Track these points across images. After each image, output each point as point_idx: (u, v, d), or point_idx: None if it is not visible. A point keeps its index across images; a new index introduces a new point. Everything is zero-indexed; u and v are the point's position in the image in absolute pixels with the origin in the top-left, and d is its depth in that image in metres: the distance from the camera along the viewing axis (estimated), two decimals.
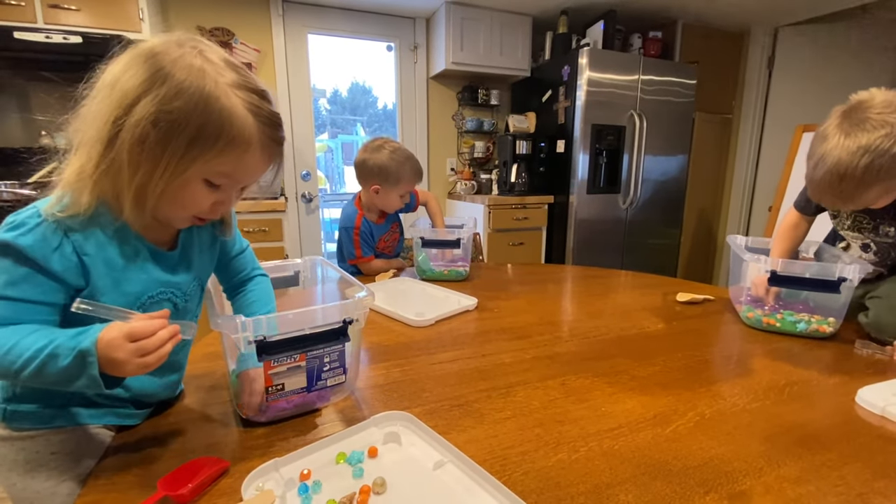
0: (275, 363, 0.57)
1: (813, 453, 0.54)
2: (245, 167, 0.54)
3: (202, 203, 0.55)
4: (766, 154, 3.27)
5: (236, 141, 0.51)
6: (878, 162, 0.72)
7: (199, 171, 0.52)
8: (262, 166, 0.56)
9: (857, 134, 0.74)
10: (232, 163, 0.53)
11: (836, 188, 0.78)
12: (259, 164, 0.56)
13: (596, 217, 2.74)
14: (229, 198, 0.57)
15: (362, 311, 0.62)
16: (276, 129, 0.56)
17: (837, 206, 0.85)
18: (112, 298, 0.53)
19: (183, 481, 0.46)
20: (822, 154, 0.78)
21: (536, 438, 0.57)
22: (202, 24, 2.44)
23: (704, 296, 1.17)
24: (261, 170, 0.57)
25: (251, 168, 0.55)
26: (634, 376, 0.74)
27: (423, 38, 2.95)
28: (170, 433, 0.58)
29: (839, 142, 0.75)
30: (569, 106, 2.65)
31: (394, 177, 1.37)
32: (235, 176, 0.55)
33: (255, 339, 0.55)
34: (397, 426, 0.57)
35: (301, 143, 2.79)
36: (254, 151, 0.53)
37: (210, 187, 0.54)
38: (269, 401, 0.58)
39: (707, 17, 2.97)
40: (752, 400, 0.67)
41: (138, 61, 0.49)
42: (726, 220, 3.54)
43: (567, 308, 1.15)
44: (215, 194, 0.55)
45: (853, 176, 0.75)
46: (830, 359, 0.82)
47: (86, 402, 0.59)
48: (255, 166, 0.55)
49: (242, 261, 0.77)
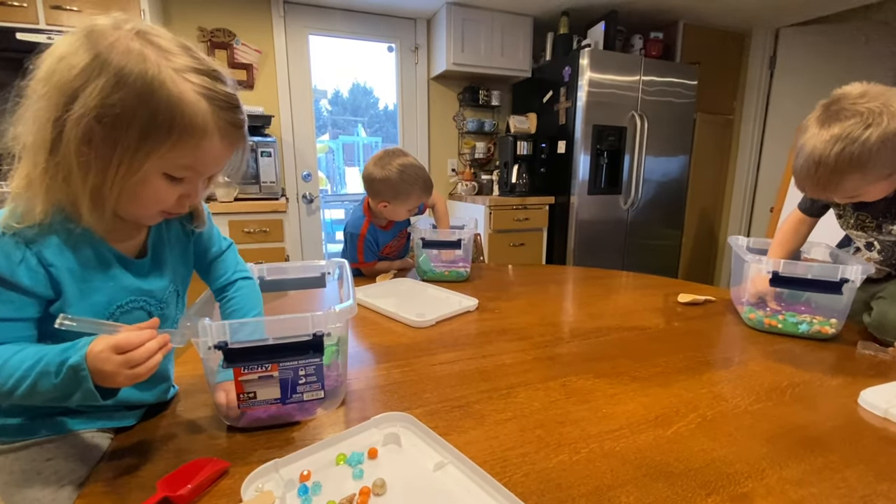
0: (245, 370, 0.55)
1: (815, 455, 0.54)
2: (205, 156, 0.51)
3: (166, 199, 0.52)
4: (768, 155, 3.26)
5: (190, 130, 0.48)
6: (848, 149, 0.74)
7: (155, 165, 0.48)
8: (224, 153, 0.53)
9: (831, 123, 0.77)
10: (190, 153, 0.49)
11: (813, 176, 0.80)
12: (221, 152, 0.52)
13: (597, 218, 2.74)
14: (195, 189, 0.54)
15: (336, 323, 0.57)
16: (234, 111, 0.52)
17: (819, 194, 0.87)
18: (80, 309, 0.51)
19: (182, 482, 0.46)
20: (801, 144, 0.81)
21: (537, 440, 0.57)
22: (203, 24, 2.45)
23: (706, 297, 1.16)
24: (224, 157, 0.54)
25: (212, 156, 0.52)
26: (636, 377, 0.74)
27: (423, 39, 2.95)
28: (169, 435, 0.58)
29: (815, 132, 0.79)
30: (570, 107, 2.65)
31: (403, 195, 1.33)
32: (196, 167, 0.51)
33: (215, 344, 0.53)
34: (397, 427, 0.57)
35: (302, 144, 2.79)
36: (212, 138, 0.50)
37: (172, 181, 0.51)
38: (241, 407, 0.57)
39: (708, 18, 2.97)
40: (754, 401, 0.67)
41: (73, 48, 0.45)
42: (727, 221, 3.53)
43: (568, 309, 1.15)
44: (179, 187, 0.52)
45: (826, 164, 0.77)
46: (833, 360, 0.82)
47: (70, 410, 0.57)
48: (216, 154, 0.52)
49: (223, 263, 0.72)
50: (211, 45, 2.48)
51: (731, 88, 3.29)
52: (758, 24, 3.09)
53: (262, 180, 2.28)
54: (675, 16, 2.94)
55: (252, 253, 2.17)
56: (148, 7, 2.04)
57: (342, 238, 1.51)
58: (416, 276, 1.36)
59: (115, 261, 0.55)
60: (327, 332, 0.57)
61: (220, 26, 2.48)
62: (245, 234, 2.15)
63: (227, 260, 0.73)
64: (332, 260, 0.80)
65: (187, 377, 0.72)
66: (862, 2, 2.68)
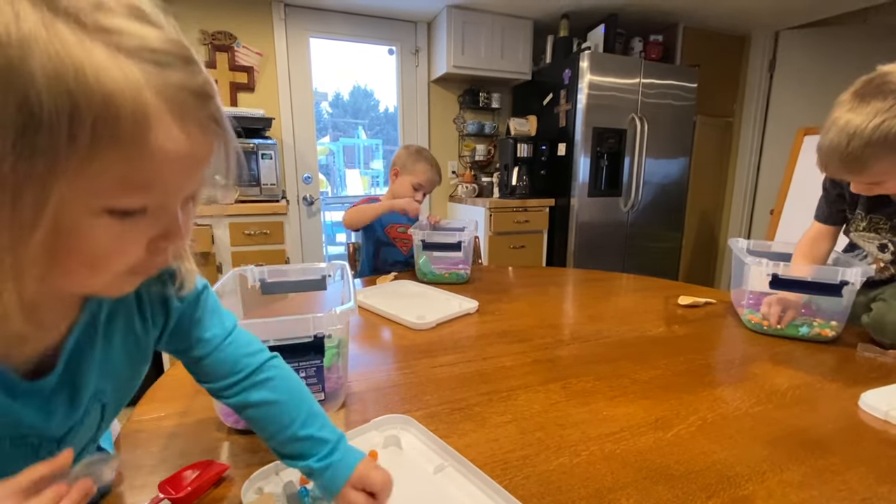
0: None
1: (816, 458, 0.54)
2: (162, 163, 0.29)
3: (126, 249, 0.32)
4: (768, 157, 3.26)
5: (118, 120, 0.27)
6: (887, 124, 0.70)
7: (81, 198, 0.28)
8: (196, 153, 0.32)
9: (873, 98, 0.73)
10: (131, 162, 0.28)
11: (844, 150, 0.75)
12: (190, 151, 0.31)
13: (597, 220, 2.74)
14: (171, 222, 0.33)
15: (337, 325, 0.56)
16: (205, 98, 0.32)
17: (843, 174, 0.81)
18: None
19: (182, 485, 0.46)
20: (834, 118, 0.77)
21: (538, 442, 0.57)
22: (205, 27, 2.46)
23: (706, 299, 1.16)
24: (197, 160, 0.32)
25: (176, 161, 0.30)
26: (636, 380, 0.74)
27: (424, 42, 2.96)
28: (169, 437, 0.58)
29: (853, 105, 0.75)
30: (570, 109, 2.65)
31: (411, 163, 1.54)
32: (153, 184, 0.30)
33: None
34: (398, 429, 0.57)
35: (303, 147, 2.79)
36: (166, 129, 0.29)
37: (123, 219, 0.30)
38: None
39: (708, 21, 2.98)
40: (755, 404, 0.66)
41: None
42: (728, 224, 3.53)
43: (568, 311, 1.15)
44: (142, 227, 0.32)
45: (861, 136, 0.73)
46: (833, 363, 0.82)
47: None
48: (181, 156, 0.30)
49: (234, 348, 0.48)
50: (212, 48, 2.48)
51: (731, 91, 3.29)
52: (757, 27, 3.10)
53: (262, 182, 2.28)
54: (675, 19, 2.95)
55: (252, 255, 2.18)
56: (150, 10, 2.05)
57: (343, 240, 1.56)
58: (417, 278, 1.36)
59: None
60: (328, 334, 0.56)
61: (221, 29, 2.49)
62: (245, 236, 2.15)
63: (238, 340, 0.49)
64: (332, 262, 0.80)
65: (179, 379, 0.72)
66: (862, 5, 2.68)
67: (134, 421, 0.61)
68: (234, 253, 2.14)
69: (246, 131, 2.30)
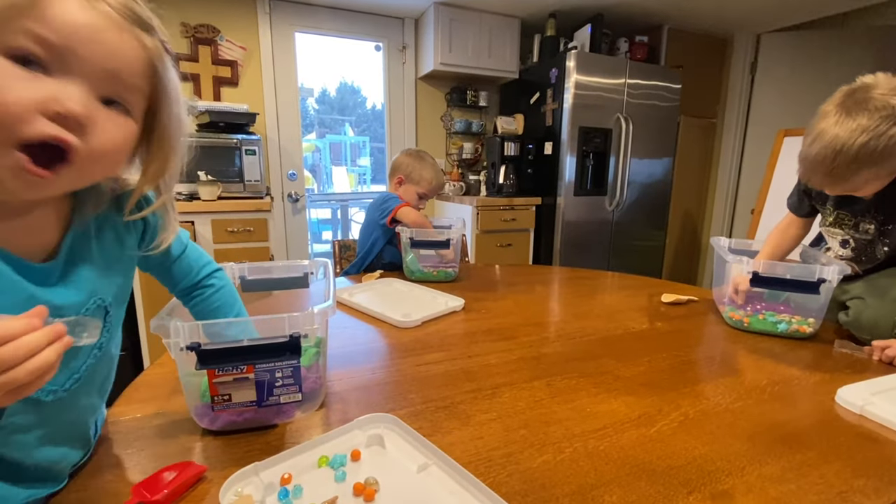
0: (219, 371, 0.54)
1: (794, 452, 0.55)
2: (55, 19, 0.34)
3: (16, 94, 0.33)
4: (749, 158, 3.33)
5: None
6: (873, 143, 0.72)
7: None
8: (94, 25, 0.36)
9: (858, 113, 0.74)
10: (27, 15, 0.33)
11: (829, 165, 0.77)
12: (84, 20, 0.35)
13: (583, 219, 2.76)
14: (73, 90, 0.35)
15: (314, 325, 0.55)
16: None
17: (826, 185, 0.84)
18: None
19: (158, 487, 0.45)
20: (819, 130, 0.78)
21: (522, 440, 0.57)
22: (187, 20, 2.40)
23: (689, 297, 1.18)
24: (96, 32, 0.36)
25: (70, 22, 0.34)
26: (619, 377, 0.74)
27: (411, 39, 2.94)
28: (143, 438, 0.57)
29: (839, 119, 0.76)
30: (556, 108, 2.67)
31: (417, 171, 1.55)
32: (50, 37, 0.34)
33: (188, 345, 0.51)
34: (381, 429, 0.57)
35: (287, 143, 2.76)
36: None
37: (22, 65, 0.33)
38: (214, 410, 0.56)
39: (692, 23, 3.02)
40: (735, 399, 0.67)
41: None
42: (710, 223, 3.59)
43: (554, 309, 1.15)
44: (38, 80, 0.34)
45: (847, 153, 0.75)
46: (811, 359, 0.83)
47: None
48: (73, 20, 0.34)
49: (187, 259, 0.62)
50: (195, 41, 2.43)
51: (714, 92, 3.35)
52: (739, 30, 3.15)
53: (246, 179, 2.25)
54: (660, 20, 2.99)
55: (236, 253, 2.14)
56: None
57: (329, 238, 1.53)
58: (405, 277, 1.35)
59: (5, 265, 0.40)
60: (304, 334, 0.55)
61: (204, 22, 2.44)
62: (228, 233, 2.11)
63: (190, 255, 0.62)
64: (315, 260, 0.79)
65: (159, 377, 0.71)
66: (842, 9, 2.75)
67: (111, 422, 0.60)
68: (217, 250, 2.10)
69: (229, 126, 2.26)
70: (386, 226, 1.45)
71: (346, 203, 3.92)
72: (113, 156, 0.42)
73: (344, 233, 3.99)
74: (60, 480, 0.49)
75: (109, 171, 0.44)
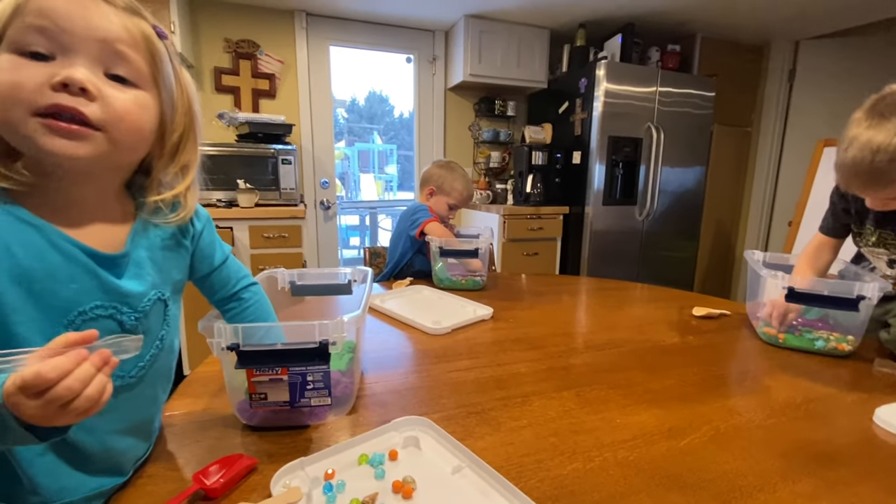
0: (257, 371, 0.58)
1: (828, 470, 0.55)
2: (45, 5, 0.39)
3: (24, 80, 0.39)
4: (787, 168, 3.23)
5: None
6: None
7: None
8: (84, 6, 0.41)
9: (892, 115, 0.74)
10: (24, 18, 0.39)
11: (868, 166, 0.76)
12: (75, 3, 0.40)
13: (612, 228, 2.74)
14: (76, 71, 0.40)
15: (342, 333, 0.57)
16: None
17: (867, 189, 0.83)
18: (28, 316, 0.41)
19: (215, 475, 0.49)
20: (853, 136, 0.78)
21: (552, 447, 0.58)
22: (229, 36, 2.53)
23: (721, 310, 1.17)
24: (87, 14, 0.41)
25: (61, 6, 0.40)
26: (649, 389, 0.75)
27: (441, 51, 3.00)
28: (198, 431, 0.61)
29: (871, 123, 0.76)
30: (585, 118, 2.66)
31: (448, 182, 1.57)
32: (46, 25, 0.39)
33: (228, 345, 0.55)
34: (416, 431, 0.59)
35: (321, 153, 2.85)
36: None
37: (28, 59, 0.39)
38: (252, 407, 0.60)
39: (726, 31, 2.97)
40: (768, 416, 0.67)
41: None
42: (745, 235, 3.49)
43: (582, 320, 1.16)
44: (41, 67, 0.40)
45: (886, 151, 0.74)
46: (848, 377, 0.82)
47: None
48: (67, 5, 0.40)
49: (227, 270, 0.65)
50: (236, 56, 2.56)
51: (749, 100, 3.27)
52: (776, 37, 3.08)
53: (282, 187, 2.34)
54: (693, 28, 2.95)
55: (271, 257, 2.23)
56: (178, 19, 2.13)
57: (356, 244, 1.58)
58: (434, 285, 1.39)
59: (79, 252, 0.44)
60: (332, 341, 0.57)
61: (245, 37, 2.57)
62: (264, 238, 2.20)
63: (230, 266, 0.65)
64: (359, 268, 0.83)
65: (207, 376, 0.76)
66: (886, 14, 2.65)
67: (167, 415, 0.65)
68: (254, 255, 2.19)
69: (267, 137, 2.36)
70: (415, 237, 1.49)
71: (374, 210, 4.00)
72: (132, 122, 0.45)
73: (372, 240, 4.07)
74: (125, 473, 0.52)
75: (137, 139, 0.47)
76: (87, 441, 0.47)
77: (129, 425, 0.52)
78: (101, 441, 0.49)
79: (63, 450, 0.46)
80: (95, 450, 0.48)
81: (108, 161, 0.45)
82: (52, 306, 0.42)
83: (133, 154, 0.49)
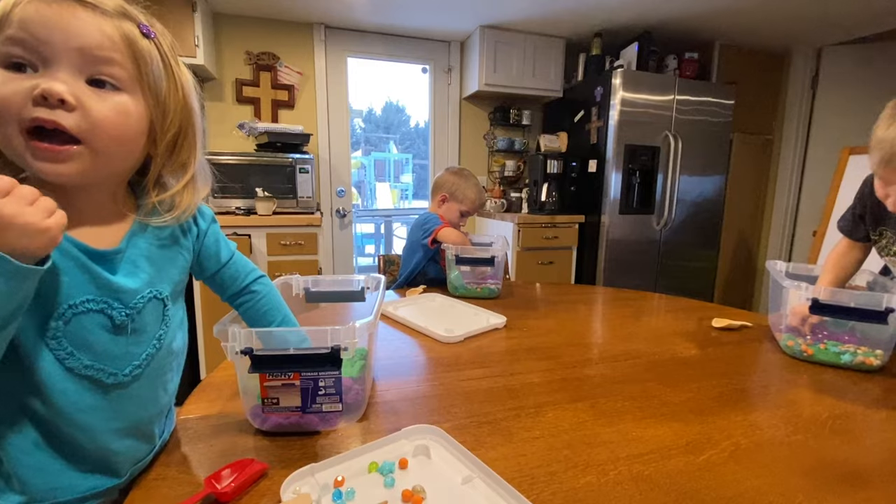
0: (269, 376, 0.58)
1: (856, 490, 0.52)
2: (24, 23, 0.40)
3: (8, 87, 0.40)
4: (810, 177, 3.15)
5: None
6: None
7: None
8: (56, 11, 0.41)
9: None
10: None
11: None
12: (40, 11, 0.40)
13: (628, 237, 2.70)
14: (58, 82, 0.41)
15: (354, 339, 0.58)
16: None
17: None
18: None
19: (227, 479, 0.49)
20: (881, 137, 0.79)
21: (565, 459, 0.57)
22: (250, 48, 2.60)
23: (742, 322, 1.13)
24: (56, 16, 0.41)
25: (35, 21, 0.40)
26: (666, 402, 0.73)
27: (457, 61, 3.03)
28: (210, 435, 0.62)
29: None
30: (601, 126, 2.65)
31: (461, 190, 1.58)
32: (22, 37, 0.40)
33: (242, 349, 0.55)
34: (427, 439, 0.59)
35: (337, 162, 2.89)
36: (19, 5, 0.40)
37: (9, 70, 0.41)
38: (264, 411, 0.60)
39: (745, 38, 2.93)
40: (792, 432, 0.65)
41: None
42: (767, 244, 3.41)
43: (597, 330, 1.14)
44: (23, 79, 0.41)
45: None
46: (878, 393, 0.78)
47: None
48: (37, 15, 0.40)
49: (235, 266, 0.66)
50: (256, 68, 2.62)
51: (770, 108, 3.21)
52: (798, 44, 3.02)
53: (299, 195, 2.38)
54: (711, 36, 2.92)
55: (287, 265, 2.26)
56: (201, 33, 2.19)
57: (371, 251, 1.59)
58: (449, 292, 1.38)
59: (69, 245, 0.45)
60: (344, 347, 0.57)
61: (265, 50, 2.63)
62: (281, 246, 2.23)
63: (238, 262, 0.67)
64: (372, 276, 0.83)
65: (222, 380, 0.76)
66: None
67: (181, 419, 0.65)
68: (271, 262, 2.22)
69: (285, 146, 2.41)
70: (428, 246, 1.49)
71: (389, 219, 4.03)
72: (111, 131, 0.45)
73: (387, 247, 4.10)
74: (120, 475, 0.52)
75: (118, 147, 0.47)
76: (81, 436, 0.47)
77: (127, 425, 0.51)
78: (93, 439, 0.49)
79: (55, 447, 0.47)
80: (89, 447, 0.48)
81: (96, 173, 0.46)
82: (43, 298, 0.43)
83: (122, 161, 0.49)
